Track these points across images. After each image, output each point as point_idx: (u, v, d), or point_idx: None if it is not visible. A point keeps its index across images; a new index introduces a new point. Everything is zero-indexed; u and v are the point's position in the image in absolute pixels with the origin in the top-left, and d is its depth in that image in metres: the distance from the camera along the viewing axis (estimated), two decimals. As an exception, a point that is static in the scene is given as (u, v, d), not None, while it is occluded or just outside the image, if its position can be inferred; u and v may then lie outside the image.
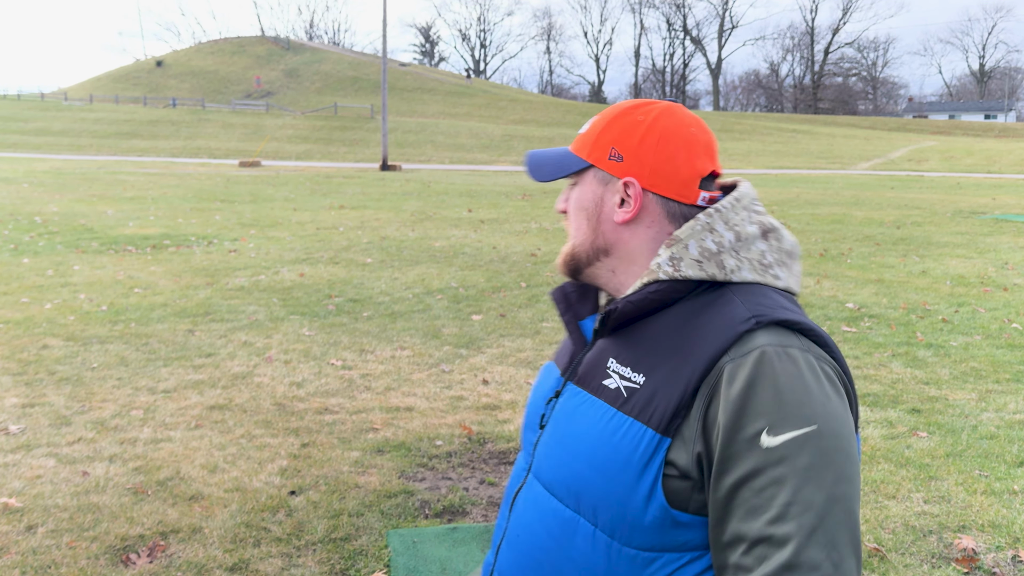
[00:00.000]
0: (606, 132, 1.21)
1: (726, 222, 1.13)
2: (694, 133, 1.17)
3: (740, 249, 1.12)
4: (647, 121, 1.17)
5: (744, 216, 1.14)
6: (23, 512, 3.77)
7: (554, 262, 10.65)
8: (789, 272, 1.15)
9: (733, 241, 1.12)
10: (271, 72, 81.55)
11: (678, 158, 1.15)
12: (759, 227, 1.14)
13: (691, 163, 1.16)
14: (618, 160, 1.18)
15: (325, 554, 3.47)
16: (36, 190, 22.07)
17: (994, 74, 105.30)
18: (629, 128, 1.18)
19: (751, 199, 1.17)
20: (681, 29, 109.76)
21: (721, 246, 1.11)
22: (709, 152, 1.18)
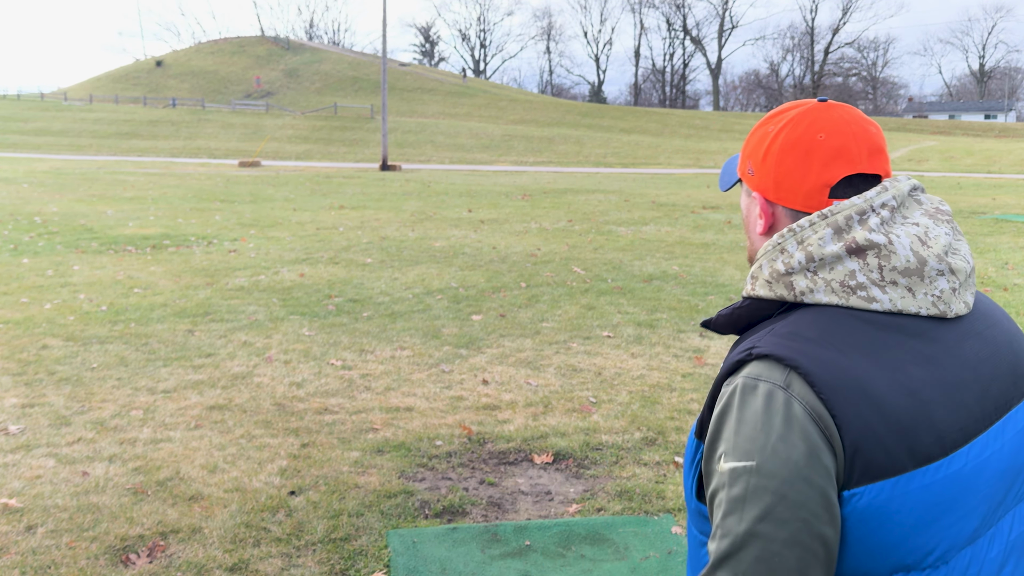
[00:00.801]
0: (747, 145, 1.21)
1: (800, 241, 1.08)
2: (821, 140, 1.11)
3: (818, 269, 1.06)
4: (774, 132, 1.15)
5: (825, 233, 1.06)
6: (23, 512, 3.77)
7: (554, 261, 10.70)
8: (906, 292, 1.03)
9: (804, 262, 1.06)
10: (271, 72, 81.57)
11: (798, 170, 1.12)
12: (846, 245, 1.04)
13: (815, 173, 1.11)
14: (751, 174, 1.19)
15: (325, 554, 3.46)
16: (36, 190, 22.07)
17: (994, 74, 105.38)
18: (760, 140, 1.17)
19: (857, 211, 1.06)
20: (681, 29, 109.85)
21: (790, 267, 1.07)
22: (843, 156, 1.10)
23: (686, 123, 65.82)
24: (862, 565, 0.99)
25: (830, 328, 1.02)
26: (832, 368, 0.98)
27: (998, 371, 1.08)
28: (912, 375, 1.00)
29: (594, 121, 64.75)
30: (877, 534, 0.98)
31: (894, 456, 0.96)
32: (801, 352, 1.00)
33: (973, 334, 1.08)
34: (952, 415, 1.00)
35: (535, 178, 31.46)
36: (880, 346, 1.01)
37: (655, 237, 13.67)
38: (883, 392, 0.98)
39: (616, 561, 3.47)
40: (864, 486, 0.96)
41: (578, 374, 5.99)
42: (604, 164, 43.74)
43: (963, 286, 1.07)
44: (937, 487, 0.98)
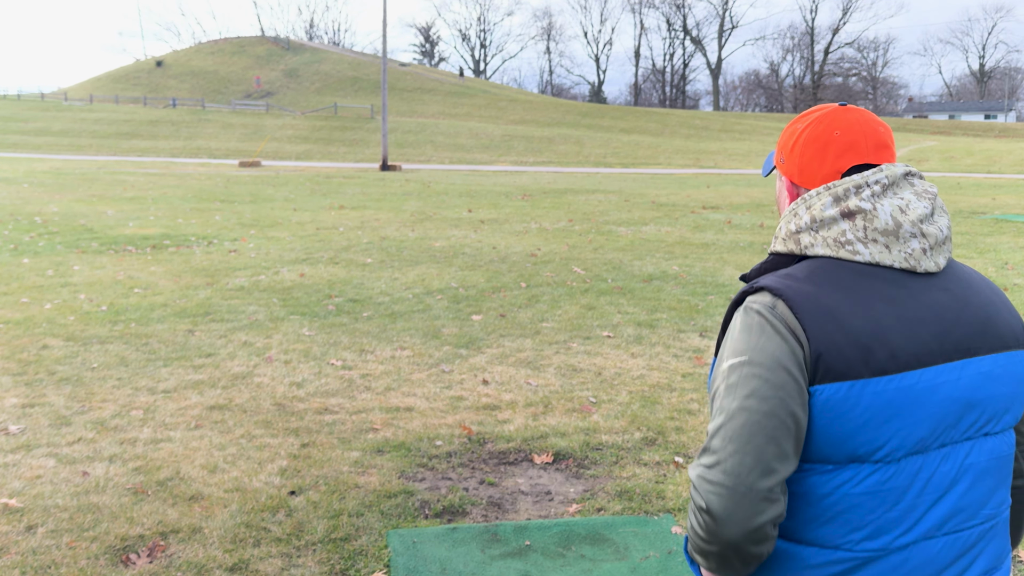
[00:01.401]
0: (781, 138, 1.49)
1: (808, 207, 1.36)
2: (836, 136, 1.38)
3: (819, 229, 1.34)
4: (800, 129, 1.43)
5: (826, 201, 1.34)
6: (23, 512, 3.78)
7: (554, 261, 10.70)
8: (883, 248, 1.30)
9: (809, 222, 1.35)
10: (271, 72, 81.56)
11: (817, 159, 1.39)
12: (840, 210, 1.32)
13: (830, 162, 1.38)
14: (782, 163, 1.47)
15: (325, 554, 3.47)
16: (36, 190, 22.07)
17: (994, 74, 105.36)
18: (789, 136, 1.45)
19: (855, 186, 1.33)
20: (681, 29, 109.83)
21: (799, 227, 1.36)
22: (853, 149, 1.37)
23: (686, 123, 65.82)
24: (823, 450, 1.26)
25: (817, 272, 1.31)
26: (807, 297, 1.27)
27: (963, 322, 1.32)
28: (876, 307, 1.27)
29: (594, 121, 64.75)
30: (834, 425, 1.24)
31: (851, 364, 1.24)
32: (787, 286, 1.30)
33: (941, 289, 1.33)
34: (907, 342, 1.26)
35: (535, 178, 31.46)
36: (855, 286, 1.29)
37: (655, 237, 13.67)
38: (847, 316, 1.25)
39: (616, 561, 3.47)
40: (825, 384, 1.24)
41: (578, 374, 6.00)
42: (604, 164, 43.74)
43: (934, 249, 1.32)
44: (887, 395, 1.24)
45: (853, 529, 1.27)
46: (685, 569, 3.40)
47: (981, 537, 1.34)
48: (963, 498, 1.31)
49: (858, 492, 1.26)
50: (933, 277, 1.33)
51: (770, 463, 1.22)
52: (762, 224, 15.62)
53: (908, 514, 1.28)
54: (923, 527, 1.28)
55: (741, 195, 22.74)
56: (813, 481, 1.27)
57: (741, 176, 33.37)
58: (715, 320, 7.61)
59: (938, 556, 1.29)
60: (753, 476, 1.22)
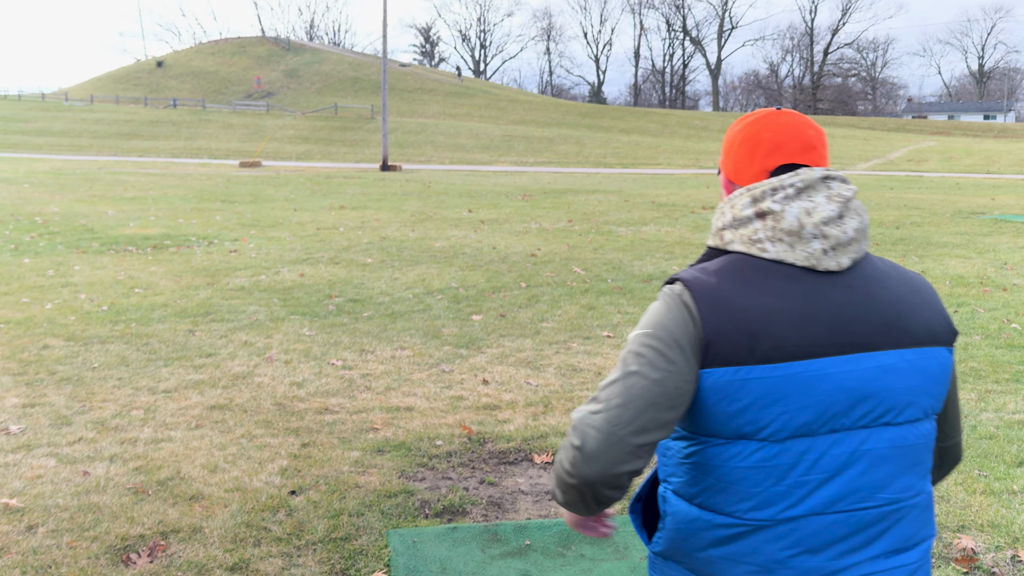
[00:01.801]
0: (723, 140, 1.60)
1: (731, 207, 1.47)
2: (766, 137, 1.50)
3: (738, 227, 1.45)
4: (736, 131, 1.55)
5: (745, 202, 1.45)
6: (24, 512, 3.78)
7: (554, 261, 10.70)
8: (787, 248, 1.41)
9: (731, 221, 1.46)
10: (271, 72, 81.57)
11: (747, 159, 1.51)
12: (755, 211, 1.43)
13: (758, 161, 1.50)
14: (722, 162, 1.59)
15: (325, 554, 3.47)
16: (37, 190, 22.08)
17: (993, 75, 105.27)
18: (727, 138, 1.57)
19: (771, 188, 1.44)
20: (681, 30, 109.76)
21: (724, 224, 1.47)
22: (779, 150, 1.49)
23: (686, 123, 65.82)
24: (712, 426, 1.39)
25: (727, 266, 1.43)
26: (709, 288, 1.40)
27: (862, 318, 1.41)
28: (770, 302, 1.38)
29: (594, 121, 64.75)
30: (720, 405, 1.37)
31: (738, 351, 1.36)
32: (694, 278, 1.42)
33: (843, 287, 1.42)
34: (794, 334, 1.36)
35: (535, 178, 31.46)
36: (756, 280, 1.40)
37: (655, 237, 13.68)
38: (740, 308, 1.37)
39: (616, 560, 3.48)
40: (714, 368, 1.37)
41: (578, 374, 6.00)
42: (604, 164, 43.74)
43: (836, 250, 1.41)
44: (771, 382, 1.35)
45: (741, 499, 1.39)
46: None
47: (882, 519, 1.42)
48: (855, 481, 1.40)
49: (745, 466, 1.38)
50: (836, 275, 1.42)
51: (645, 424, 1.37)
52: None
53: (794, 490, 1.38)
54: (811, 503, 1.38)
55: (741, 195, 22.74)
56: (709, 453, 1.41)
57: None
58: (715, 320, 7.62)
59: (828, 530, 1.39)
60: (627, 430, 1.37)
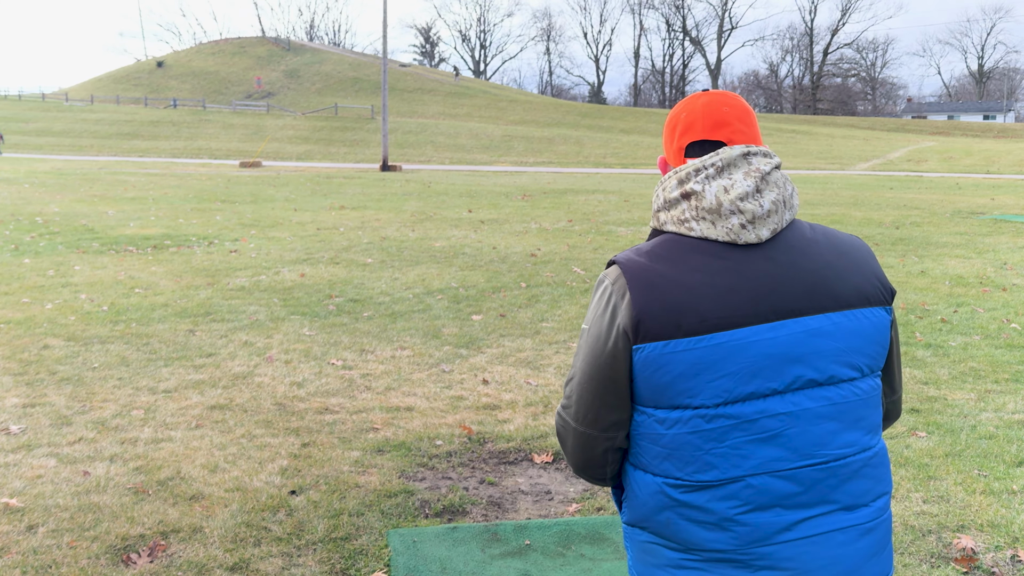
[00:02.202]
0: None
1: (663, 189, 1.56)
2: (681, 118, 1.60)
3: (669, 208, 1.53)
4: (668, 116, 1.65)
5: (673, 184, 1.53)
6: (24, 512, 3.78)
7: (554, 261, 10.70)
8: (710, 225, 1.48)
9: (663, 203, 1.55)
10: (272, 73, 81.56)
11: (669, 139, 1.63)
12: (680, 192, 1.51)
13: (675, 140, 1.61)
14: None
15: (325, 554, 3.47)
16: (37, 190, 22.08)
17: (993, 75, 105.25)
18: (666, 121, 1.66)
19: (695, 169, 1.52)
20: (680, 30, 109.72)
21: (659, 206, 1.56)
22: (690, 129, 1.58)
23: (686, 123, 65.77)
24: (651, 398, 1.48)
25: (658, 247, 1.52)
26: (640, 269, 1.48)
27: (785, 286, 1.47)
28: (693, 277, 1.46)
29: (594, 122, 64.75)
30: (654, 377, 1.46)
31: (664, 327, 1.44)
32: (628, 260, 1.52)
33: (765, 258, 1.48)
34: (717, 307, 1.44)
35: (535, 178, 31.46)
36: (683, 259, 1.48)
37: (655, 237, 13.68)
38: (665, 286, 1.45)
39: (616, 560, 3.48)
40: (645, 343, 1.45)
41: (578, 374, 6.00)
42: (604, 164, 43.74)
43: (753, 223, 1.47)
44: (697, 353, 1.43)
45: (686, 463, 1.47)
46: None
47: (829, 475, 1.48)
48: (794, 440, 1.46)
49: (685, 432, 1.46)
50: (758, 248, 1.49)
51: (598, 412, 1.52)
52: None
53: (734, 451, 1.45)
54: (752, 463, 1.45)
55: (741, 195, 22.73)
56: (651, 424, 1.50)
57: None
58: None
59: (772, 488, 1.46)
60: (587, 421, 1.53)
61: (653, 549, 1.54)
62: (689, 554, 1.49)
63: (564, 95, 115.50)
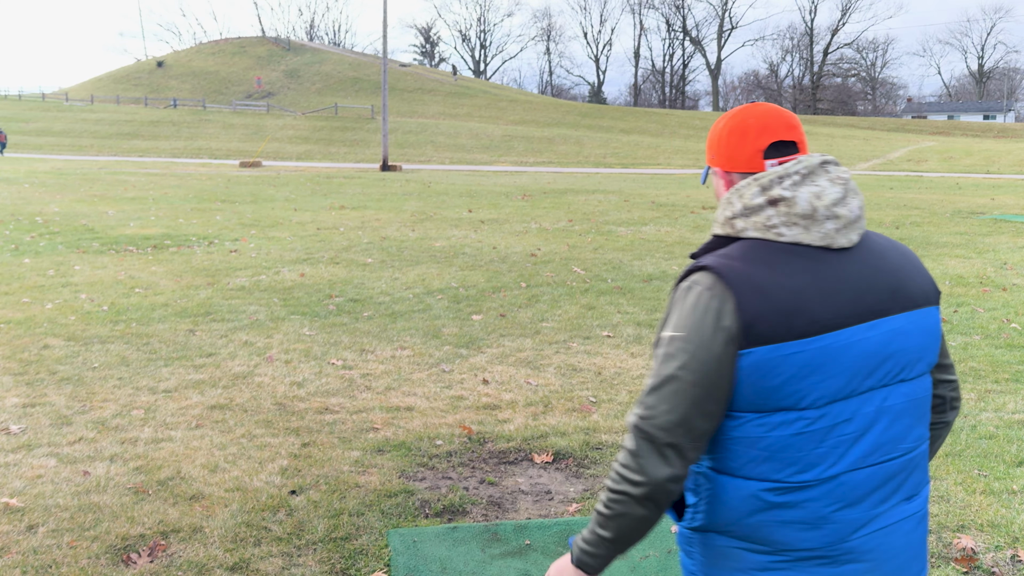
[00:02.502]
0: (708, 141, 1.71)
1: (740, 196, 1.56)
2: (751, 123, 1.61)
3: (750, 214, 1.54)
4: (721, 126, 1.66)
5: (755, 191, 1.54)
6: (24, 512, 3.79)
7: (554, 261, 10.70)
8: (803, 230, 1.51)
9: (742, 209, 1.55)
10: (272, 73, 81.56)
11: (739, 144, 1.61)
12: (766, 198, 1.52)
13: (750, 144, 1.60)
14: (713, 159, 1.68)
15: (325, 553, 3.48)
16: (37, 190, 22.08)
17: (993, 75, 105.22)
18: (714, 134, 1.68)
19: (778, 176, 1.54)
20: (681, 30, 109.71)
21: (734, 213, 1.56)
22: (767, 130, 1.59)
23: (686, 124, 65.82)
24: (754, 403, 1.47)
25: (749, 252, 1.52)
26: (740, 274, 1.48)
27: (874, 288, 1.53)
28: (799, 281, 1.48)
29: (594, 122, 64.75)
30: (762, 382, 1.45)
31: (776, 330, 1.45)
32: (723, 264, 1.50)
33: (855, 261, 1.54)
34: (824, 309, 1.47)
35: (535, 178, 31.47)
36: (780, 263, 1.49)
37: (655, 237, 13.68)
38: (775, 289, 1.46)
39: (615, 560, 3.48)
40: (754, 348, 1.45)
41: (578, 374, 6.00)
42: (604, 164, 43.74)
43: (846, 228, 1.53)
44: (807, 355, 1.45)
45: (786, 465, 1.48)
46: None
47: (902, 469, 1.56)
48: (883, 435, 1.53)
49: (788, 435, 1.47)
50: (847, 251, 1.54)
51: (692, 422, 1.47)
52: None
53: (833, 450, 1.49)
54: (848, 460, 1.50)
55: (741, 195, 22.75)
56: (750, 428, 1.49)
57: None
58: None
59: (863, 483, 1.51)
60: (679, 432, 1.47)
61: (735, 554, 1.53)
62: (778, 556, 1.51)
63: (564, 95, 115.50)
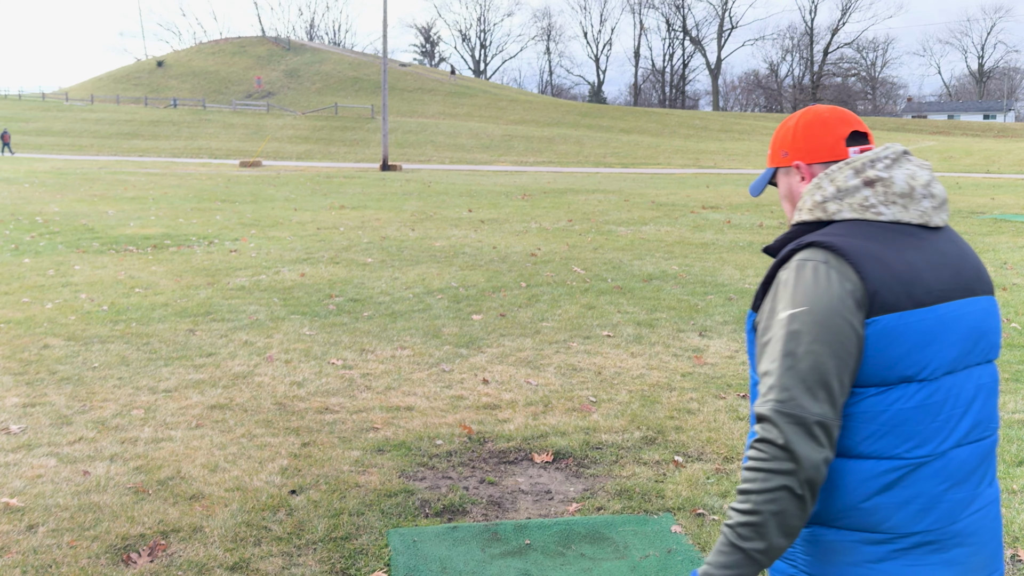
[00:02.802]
0: (775, 143, 1.76)
1: (831, 180, 1.60)
2: (826, 117, 1.67)
3: (844, 197, 1.58)
4: (794, 124, 1.71)
5: (848, 174, 1.58)
6: (24, 511, 3.79)
7: (554, 261, 10.71)
8: (902, 208, 1.55)
9: (835, 192, 1.58)
10: (272, 72, 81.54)
11: (820, 135, 1.66)
12: (862, 180, 1.57)
13: (831, 133, 1.66)
14: (786, 156, 1.72)
15: (325, 553, 3.48)
16: (37, 190, 22.08)
17: (993, 74, 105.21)
18: (785, 133, 1.73)
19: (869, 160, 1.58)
20: (681, 30, 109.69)
21: (825, 197, 1.59)
22: (844, 122, 1.66)
23: (686, 123, 65.81)
24: (879, 373, 1.47)
25: (852, 230, 1.54)
26: (856, 246, 1.50)
27: (966, 268, 1.58)
28: (908, 254, 1.52)
29: (594, 121, 64.74)
30: (888, 350, 1.46)
31: (899, 298, 1.47)
32: (837, 239, 1.52)
33: (949, 241, 1.60)
34: (935, 280, 1.52)
35: (535, 178, 31.46)
36: (886, 239, 1.53)
37: (655, 237, 13.68)
38: (891, 260, 1.50)
39: (616, 560, 3.48)
40: (880, 316, 1.46)
41: (578, 373, 6.00)
42: (604, 164, 43.74)
43: (940, 208, 1.59)
44: (928, 323, 1.48)
45: (905, 439, 1.48)
46: (684, 568, 3.41)
47: (992, 448, 1.60)
48: (980, 412, 1.56)
49: (909, 407, 1.48)
50: (940, 231, 1.60)
51: (835, 396, 1.45)
52: (761, 224, 15.62)
53: (945, 425, 1.50)
54: (956, 436, 1.52)
55: (740, 195, 22.75)
56: (870, 402, 1.49)
57: (740, 176, 33.37)
58: (714, 320, 7.62)
59: (967, 461, 1.53)
60: (825, 408, 1.44)
61: (848, 547, 1.50)
62: (892, 544, 1.49)
63: (564, 95, 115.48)
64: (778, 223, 15.73)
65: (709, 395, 5.50)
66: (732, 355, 6.48)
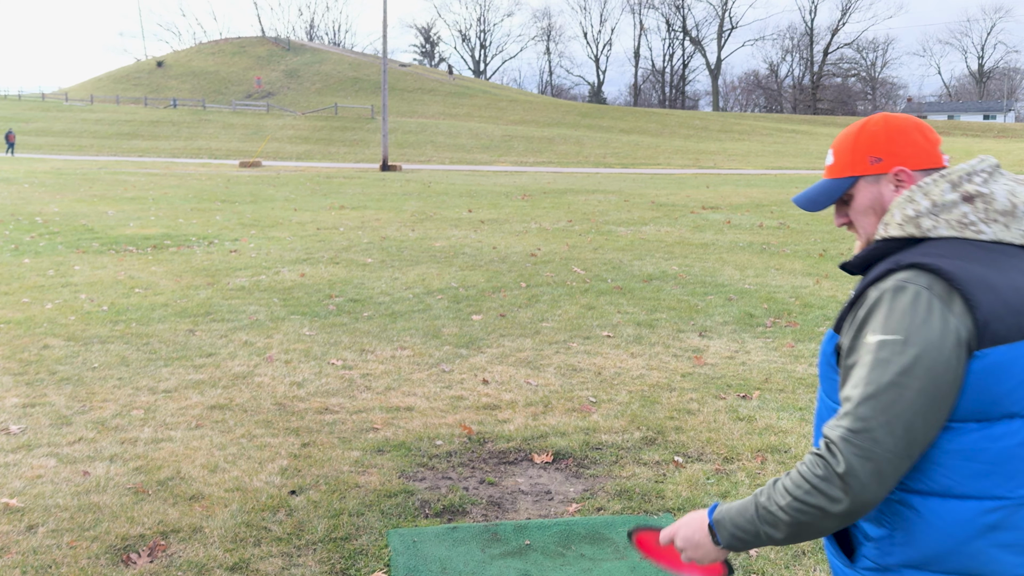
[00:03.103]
0: (854, 150, 1.58)
1: (925, 194, 1.48)
2: (914, 121, 1.56)
3: (940, 212, 1.46)
4: (878, 129, 1.56)
5: (944, 187, 1.47)
6: (24, 512, 3.78)
7: (553, 261, 10.70)
8: (1003, 227, 1.45)
9: (930, 207, 1.47)
10: (271, 73, 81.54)
11: (919, 140, 1.54)
12: (960, 195, 1.46)
13: (927, 139, 1.55)
14: (878, 162, 1.55)
15: (325, 553, 3.47)
16: (37, 190, 22.08)
17: (993, 74, 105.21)
18: (871, 138, 1.56)
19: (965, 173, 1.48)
20: (680, 30, 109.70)
21: (919, 211, 1.47)
22: (930, 129, 1.56)
23: (685, 123, 65.81)
24: (983, 408, 1.37)
25: (953, 250, 1.43)
26: (963, 271, 1.38)
27: None
28: (1014, 277, 1.41)
29: (594, 121, 64.74)
30: (996, 384, 1.36)
31: (1010, 328, 1.37)
32: (944, 263, 1.39)
33: None
34: None
35: (535, 178, 31.46)
36: (990, 260, 1.42)
37: (655, 237, 13.68)
38: (1000, 286, 1.39)
39: (616, 560, 3.48)
40: (990, 348, 1.36)
41: (578, 374, 6.00)
42: (604, 164, 43.74)
43: None
44: None
45: (1009, 478, 1.39)
46: (684, 568, 3.40)
47: None
48: None
49: (1015, 444, 1.39)
50: None
51: (916, 435, 1.35)
52: (761, 224, 15.62)
53: None
54: None
55: (740, 195, 22.75)
56: (972, 439, 1.39)
57: (740, 176, 33.37)
58: (714, 320, 7.62)
59: None
60: (900, 445, 1.34)
61: None
62: None
63: (564, 95, 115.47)
64: (778, 223, 15.73)
65: (709, 395, 5.50)
66: (732, 355, 6.48)
